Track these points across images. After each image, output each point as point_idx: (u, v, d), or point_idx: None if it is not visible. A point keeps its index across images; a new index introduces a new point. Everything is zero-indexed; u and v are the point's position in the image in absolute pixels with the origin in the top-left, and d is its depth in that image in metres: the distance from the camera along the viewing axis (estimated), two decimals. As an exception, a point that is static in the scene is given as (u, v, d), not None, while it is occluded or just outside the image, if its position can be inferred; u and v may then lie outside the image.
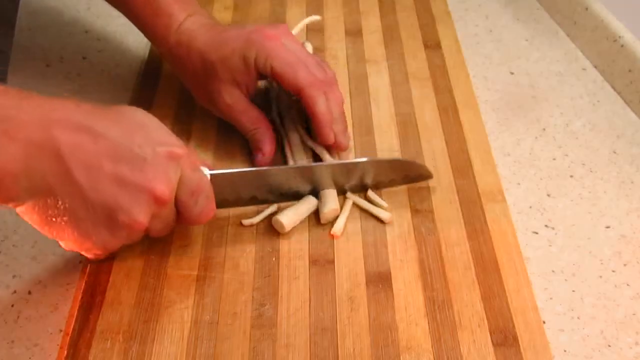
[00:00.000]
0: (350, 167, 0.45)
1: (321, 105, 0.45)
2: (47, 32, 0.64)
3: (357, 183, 0.46)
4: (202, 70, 0.47)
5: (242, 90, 0.47)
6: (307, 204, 0.45)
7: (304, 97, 0.45)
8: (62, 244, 0.37)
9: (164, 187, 0.35)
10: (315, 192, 0.46)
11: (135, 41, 0.63)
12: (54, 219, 0.34)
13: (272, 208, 0.46)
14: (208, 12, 0.51)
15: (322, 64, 0.48)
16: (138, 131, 0.35)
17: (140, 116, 0.36)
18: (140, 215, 0.35)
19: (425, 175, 0.47)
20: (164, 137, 0.36)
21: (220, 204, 0.42)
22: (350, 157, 0.49)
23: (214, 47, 0.47)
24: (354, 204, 0.46)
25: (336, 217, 0.45)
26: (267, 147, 0.47)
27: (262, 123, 0.48)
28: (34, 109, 0.32)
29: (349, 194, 0.47)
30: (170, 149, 0.36)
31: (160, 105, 0.54)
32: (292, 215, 0.44)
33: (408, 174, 0.47)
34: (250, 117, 0.47)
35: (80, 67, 0.60)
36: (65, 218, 0.34)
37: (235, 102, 0.47)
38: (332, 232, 0.44)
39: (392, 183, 0.47)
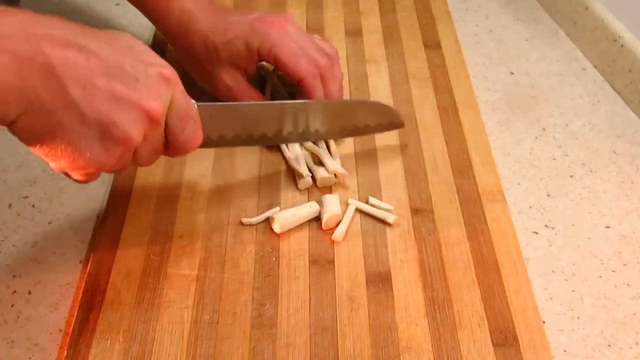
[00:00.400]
0: (328, 107, 0.47)
1: (320, 96, 0.48)
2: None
3: (334, 127, 0.47)
4: (204, 52, 0.49)
5: (242, 73, 0.49)
6: (308, 209, 0.45)
7: (304, 86, 0.47)
8: (52, 164, 0.36)
9: (157, 105, 0.35)
10: (297, 134, 0.46)
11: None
12: (46, 136, 0.33)
13: (274, 210, 0.46)
14: None
15: (324, 45, 0.50)
16: (129, 51, 0.35)
17: (129, 38, 0.36)
18: (134, 131, 0.34)
19: (397, 123, 0.50)
20: (154, 59, 0.36)
21: (205, 142, 0.41)
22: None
23: (217, 31, 0.48)
24: (357, 210, 0.46)
25: (338, 222, 0.45)
26: None
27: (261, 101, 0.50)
28: (18, 23, 0.31)
29: (350, 200, 0.46)
30: (162, 70, 0.36)
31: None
32: (289, 217, 0.44)
33: (382, 121, 0.49)
34: (249, 98, 0.50)
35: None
36: (58, 133, 0.33)
37: (235, 83, 0.49)
38: (333, 238, 0.44)
39: (367, 129, 0.49)
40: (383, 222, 0.46)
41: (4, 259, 0.44)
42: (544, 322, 0.41)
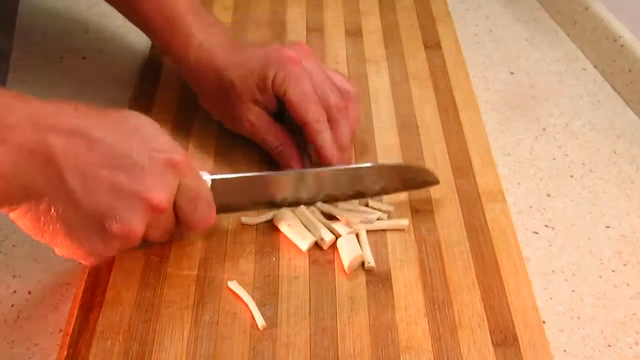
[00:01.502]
0: (354, 172, 0.44)
1: (325, 140, 0.45)
2: (47, 32, 0.64)
3: (359, 189, 0.45)
4: (222, 89, 0.47)
5: (262, 108, 0.47)
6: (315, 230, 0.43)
7: (308, 130, 0.45)
8: (56, 250, 0.36)
9: (162, 196, 0.34)
10: (317, 199, 0.45)
11: (136, 41, 0.63)
12: (46, 225, 0.33)
13: (274, 211, 0.45)
14: (223, 26, 0.51)
15: (342, 83, 0.47)
16: (136, 137, 0.34)
17: (139, 121, 0.36)
18: (136, 224, 0.34)
19: (431, 181, 0.46)
20: (163, 143, 0.35)
21: (222, 208, 0.41)
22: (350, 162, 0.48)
23: (233, 66, 0.46)
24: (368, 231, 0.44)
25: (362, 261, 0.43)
26: (295, 164, 0.47)
27: (286, 139, 0.47)
28: (28, 112, 0.31)
29: (360, 227, 0.44)
30: (169, 156, 0.35)
31: (161, 104, 0.54)
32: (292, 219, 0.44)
33: (414, 180, 0.46)
34: (274, 135, 0.47)
35: (80, 67, 0.60)
36: (57, 224, 0.33)
37: (258, 120, 0.47)
38: (346, 271, 0.42)
39: (395, 189, 0.46)
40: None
41: (4, 259, 0.44)
42: (543, 322, 0.41)
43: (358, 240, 0.43)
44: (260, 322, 0.39)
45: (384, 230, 0.45)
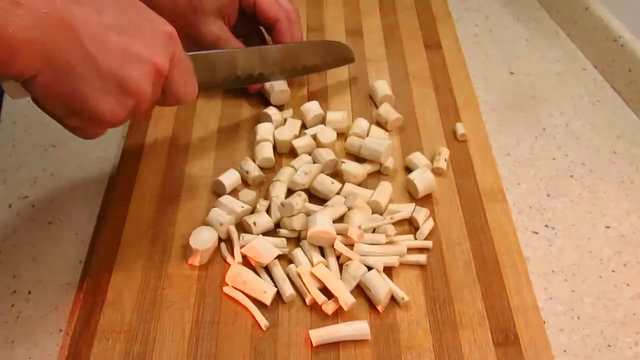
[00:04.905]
0: (293, 48, 0.54)
1: (292, 35, 0.54)
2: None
3: (301, 65, 0.54)
4: (187, 6, 0.51)
5: (225, 22, 0.53)
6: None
7: (279, 27, 0.53)
8: (66, 121, 0.37)
9: (165, 60, 0.38)
10: (267, 75, 0.52)
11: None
12: (65, 90, 0.35)
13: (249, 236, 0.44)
14: None
15: None
16: (133, 9, 0.38)
17: None
18: (147, 84, 0.37)
19: (349, 57, 0.57)
20: (156, 16, 0.39)
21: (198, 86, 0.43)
22: None
23: None
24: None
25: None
26: None
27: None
28: None
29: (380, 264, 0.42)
30: (165, 27, 0.38)
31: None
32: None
33: (337, 56, 0.56)
34: (234, 45, 0.52)
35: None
36: (76, 87, 0.35)
37: (221, 32, 0.52)
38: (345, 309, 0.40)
39: (325, 65, 0.56)
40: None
41: (4, 259, 0.44)
42: (543, 322, 0.41)
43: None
44: (262, 322, 0.39)
45: (384, 227, 0.45)
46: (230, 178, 0.47)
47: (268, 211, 0.45)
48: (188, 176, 0.49)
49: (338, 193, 0.46)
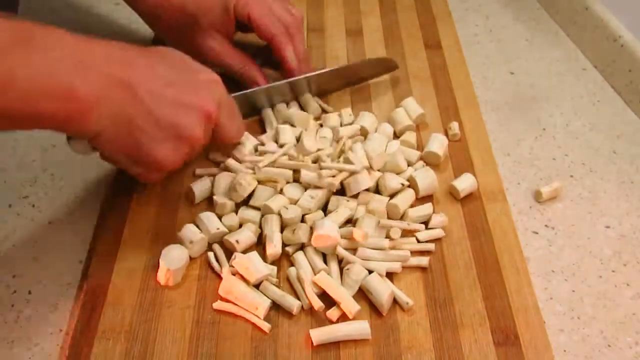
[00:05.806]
0: (322, 76, 0.54)
1: (289, 52, 0.52)
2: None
3: (339, 84, 0.56)
4: (184, 23, 0.52)
5: (224, 36, 0.53)
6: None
7: (275, 43, 0.52)
8: (130, 168, 0.41)
9: (214, 107, 0.41)
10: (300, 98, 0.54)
11: (136, 42, 0.62)
12: (128, 141, 0.39)
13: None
14: None
15: (290, 7, 0.54)
16: (180, 63, 0.42)
17: (174, 52, 0.43)
18: (200, 131, 0.40)
19: (392, 66, 0.57)
20: (201, 67, 0.43)
21: None
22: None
23: (193, 1, 0.51)
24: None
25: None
26: (261, 79, 0.53)
27: (247, 60, 0.53)
28: (106, 50, 0.37)
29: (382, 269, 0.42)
30: (210, 76, 0.42)
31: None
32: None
33: (376, 70, 0.57)
34: (236, 58, 0.53)
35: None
36: (138, 138, 0.39)
37: (220, 45, 0.53)
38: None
39: (370, 77, 0.57)
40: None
41: (4, 259, 0.44)
42: (544, 322, 0.41)
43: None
44: (265, 327, 0.39)
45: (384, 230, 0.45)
46: (202, 186, 0.46)
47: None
48: (189, 176, 0.49)
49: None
